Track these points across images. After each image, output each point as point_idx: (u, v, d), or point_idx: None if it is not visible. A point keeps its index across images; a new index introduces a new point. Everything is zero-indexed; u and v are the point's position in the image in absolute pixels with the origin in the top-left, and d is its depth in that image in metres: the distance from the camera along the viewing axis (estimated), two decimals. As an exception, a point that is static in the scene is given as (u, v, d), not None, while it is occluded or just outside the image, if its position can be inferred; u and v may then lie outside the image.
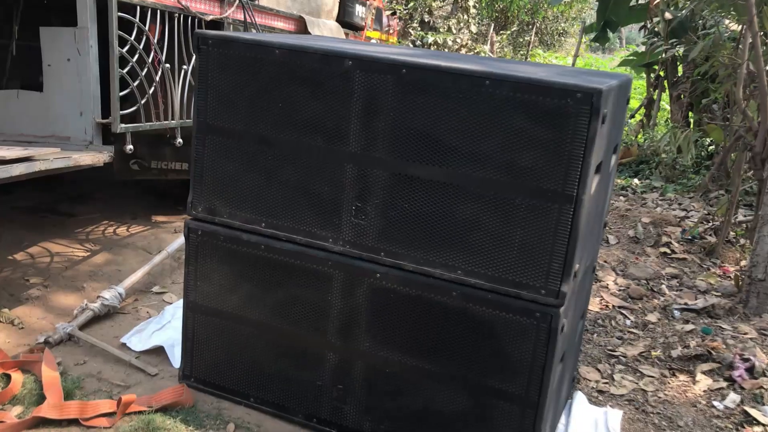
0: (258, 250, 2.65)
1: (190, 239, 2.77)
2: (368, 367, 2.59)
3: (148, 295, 3.75)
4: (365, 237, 2.49)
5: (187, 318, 2.86)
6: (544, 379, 2.37)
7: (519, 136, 2.21)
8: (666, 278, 4.65)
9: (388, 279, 2.48)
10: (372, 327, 2.55)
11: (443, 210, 2.36)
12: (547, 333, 2.32)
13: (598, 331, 3.79)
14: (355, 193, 2.47)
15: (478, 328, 2.40)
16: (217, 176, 2.67)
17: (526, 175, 2.23)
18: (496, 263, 2.33)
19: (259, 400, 2.80)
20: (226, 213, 2.69)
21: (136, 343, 3.21)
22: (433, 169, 2.34)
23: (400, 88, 2.33)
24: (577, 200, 2.20)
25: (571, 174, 2.18)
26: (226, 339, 2.81)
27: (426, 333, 2.48)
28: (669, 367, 3.43)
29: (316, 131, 2.47)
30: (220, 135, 2.63)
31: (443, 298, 2.42)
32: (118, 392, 2.82)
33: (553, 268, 2.27)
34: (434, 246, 2.40)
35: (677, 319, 3.97)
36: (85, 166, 3.29)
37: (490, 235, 2.32)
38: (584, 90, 2.12)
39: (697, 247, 5.23)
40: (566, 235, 2.23)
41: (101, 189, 5.40)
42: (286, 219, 2.60)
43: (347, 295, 2.56)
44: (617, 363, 3.46)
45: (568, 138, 2.16)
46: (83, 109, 3.44)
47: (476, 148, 2.27)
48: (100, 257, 4.07)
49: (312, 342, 2.65)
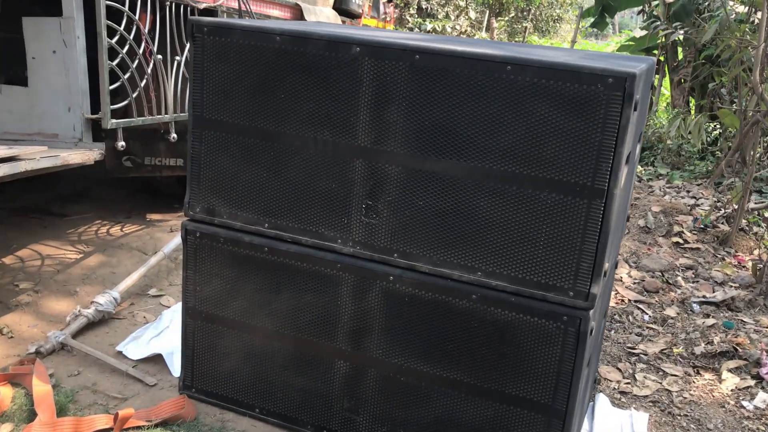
0: (261, 253, 2.48)
1: (188, 241, 2.60)
2: (382, 376, 2.42)
3: (144, 299, 3.57)
4: (377, 237, 2.32)
5: (186, 325, 2.69)
6: (572, 387, 2.21)
7: (544, 126, 2.04)
8: (681, 269, 4.49)
9: (402, 282, 2.31)
10: (385, 333, 2.38)
11: (461, 207, 2.19)
12: (575, 337, 2.16)
13: (616, 328, 3.63)
14: (365, 191, 2.29)
15: (501, 334, 2.24)
16: (216, 174, 2.50)
17: (551, 168, 2.06)
18: (519, 264, 2.16)
19: (265, 411, 2.63)
20: (226, 213, 2.51)
21: (132, 351, 3.04)
22: (450, 163, 2.16)
23: (413, 75, 2.15)
24: (608, 194, 2.03)
25: (602, 166, 2.01)
26: (229, 347, 2.64)
27: (444, 339, 2.31)
28: (693, 365, 3.28)
29: (322, 124, 2.29)
30: (217, 130, 2.45)
31: (462, 302, 2.26)
32: (114, 405, 2.65)
33: (582, 268, 2.10)
34: (452, 246, 2.23)
35: (697, 313, 3.81)
36: (75, 164, 3.10)
37: (513, 234, 2.15)
38: (616, 74, 1.94)
39: (710, 236, 5.08)
40: (596, 232, 2.07)
41: (94, 187, 5.20)
42: (290, 219, 2.42)
43: (358, 299, 2.39)
44: (638, 361, 3.31)
45: (598, 127, 1.99)
46: (71, 105, 3.24)
47: (497, 139, 2.10)
48: (94, 259, 3.89)
49: (321, 349, 2.49)
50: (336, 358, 2.47)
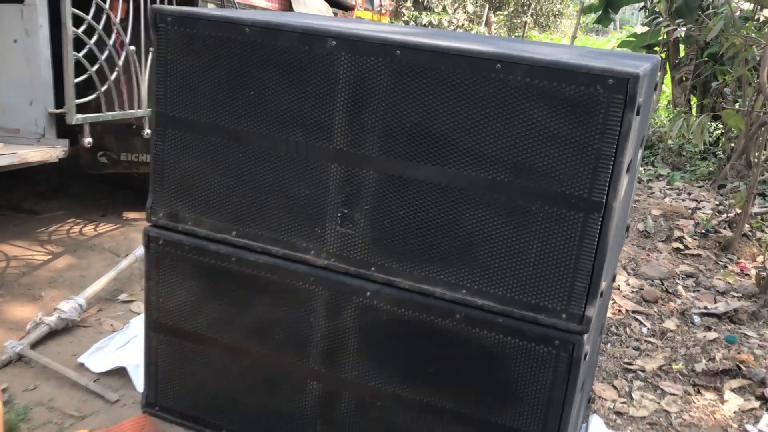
0: (228, 263, 2.28)
1: (151, 249, 2.39)
2: (357, 399, 2.23)
3: (113, 305, 3.37)
4: (353, 249, 2.12)
5: (149, 339, 2.49)
6: (564, 416, 2.01)
7: (536, 131, 1.84)
8: (681, 277, 4.30)
9: (379, 298, 2.11)
10: (361, 353, 2.19)
11: (445, 218, 1.99)
12: (567, 363, 1.96)
13: (613, 341, 3.44)
14: (341, 198, 2.09)
15: (487, 357, 2.04)
16: (180, 177, 2.29)
17: (544, 177, 1.86)
18: (508, 282, 1.96)
19: (232, 434, 2.44)
20: (191, 219, 2.31)
21: (96, 363, 2.84)
22: (434, 169, 1.96)
23: (394, 73, 1.94)
24: (606, 208, 1.83)
25: (600, 176, 1.81)
26: (195, 363, 2.44)
27: (424, 361, 2.12)
28: (693, 384, 3.08)
29: (294, 124, 2.09)
30: (182, 128, 2.25)
31: (445, 322, 2.06)
32: (70, 425, 2.46)
33: (576, 288, 1.90)
34: (434, 260, 2.03)
35: (697, 326, 3.62)
36: (34, 163, 2.89)
37: (501, 249, 1.95)
38: (617, 75, 1.74)
39: (711, 242, 4.89)
40: (592, 248, 1.87)
41: (72, 183, 4.99)
42: (260, 227, 2.22)
43: (332, 315, 2.19)
44: (635, 378, 3.11)
45: (596, 133, 1.79)
46: (33, 98, 3.03)
47: (485, 145, 1.89)
48: (63, 261, 3.68)
49: (292, 369, 2.29)
50: (308, 378, 2.28)
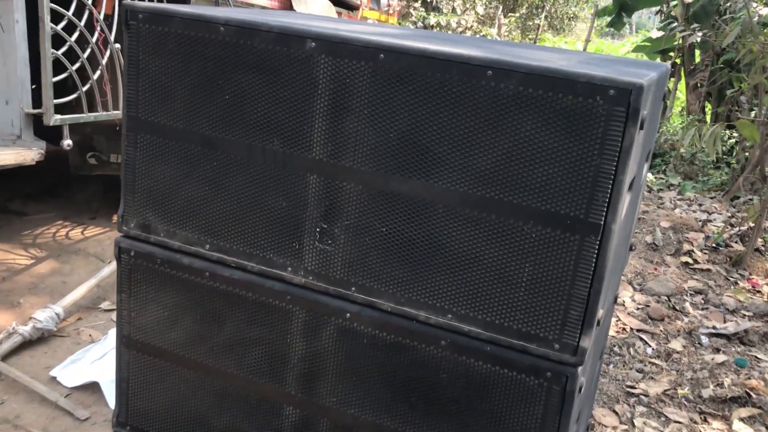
0: (202, 278, 2.14)
1: (122, 261, 2.26)
2: (335, 427, 2.08)
3: (94, 313, 3.24)
4: (332, 267, 1.97)
5: (121, 355, 2.35)
6: (556, 454, 1.85)
7: (530, 145, 1.68)
8: (689, 294, 4.12)
9: (360, 320, 1.96)
10: (340, 378, 2.04)
11: (431, 237, 1.83)
12: (560, 397, 1.81)
13: (615, 362, 3.27)
14: (320, 212, 1.94)
15: (473, 388, 1.89)
16: (152, 185, 2.15)
17: (538, 195, 1.71)
18: (496, 307, 1.81)
19: (205, 458, 2.30)
20: (164, 231, 2.17)
21: (69, 377, 2.71)
22: (419, 183, 1.81)
23: (377, 78, 1.79)
24: (604, 230, 1.67)
25: (598, 196, 1.65)
26: (168, 382, 2.30)
27: (407, 390, 1.96)
28: (699, 411, 2.91)
29: (271, 132, 1.94)
30: (154, 133, 2.11)
31: (429, 348, 1.91)
32: (35, 444, 2.33)
33: (570, 317, 1.75)
34: (419, 282, 1.88)
35: (705, 347, 3.45)
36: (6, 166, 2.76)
37: (490, 272, 1.79)
38: (619, 85, 1.58)
39: (722, 256, 4.70)
40: (589, 274, 1.71)
41: (63, 184, 4.86)
42: (235, 241, 2.07)
43: (310, 337, 2.04)
44: (638, 404, 2.95)
45: (595, 149, 1.63)
46: (9, 98, 2.90)
47: (474, 158, 1.74)
48: (45, 266, 3.55)
49: (267, 392, 2.14)
50: (284, 403, 2.13)
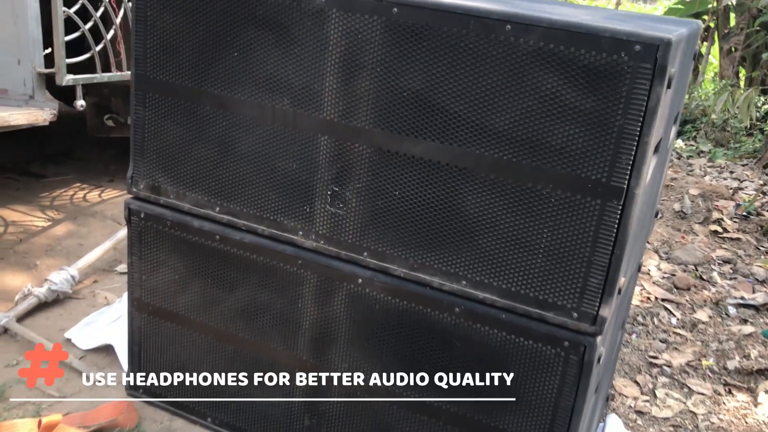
0: (212, 241, 2.09)
1: (132, 223, 2.23)
2: (347, 393, 2.04)
3: (110, 276, 3.23)
4: (344, 231, 1.91)
5: (132, 318, 2.33)
6: (571, 426, 1.80)
7: (550, 104, 1.60)
8: (717, 263, 4.01)
9: (372, 286, 1.91)
10: (352, 344, 1.99)
11: (445, 200, 1.76)
12: (578, 367, 1.74)
13: (638, 331, 3.19)
14: (331, 174, 1.88)
15: (487, 356, 1.83)
16: (162, 146, 2.10)
17: (557, 157, 1.62)
18: (513, 274, 1.74)
19: (217, 422, 2.28)
20: (174, 192, 2.13)
21: (83, 339, 2.70)
22: (433, 145, 1.74)
23: (391, 34, 1.71)
24: (627, 195, 1.58)
25: (622, 159, 1.56)
26: (179, 346, 2.27)
27: (420, 357, 1.91)
28: (724, 383, 2.83)
29: (281, 91, 1.88)
30: (163, 93, 2.05)
31: (443, 315, 1.85)
32: (49, 406, 2.33)
33: (590, 285, 1.67)
34: (432, 247, 1.81)
35: (732, 318, 3.35)
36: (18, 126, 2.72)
37: (507, 237, 1.72)
38: (646, 41, 1.48)
39: (753, 225, 4.56)
40: (610, 240, 1.63)
41: (83, 146, 4.85)
42: (245, 204, 2.02)
43: (322, 302, 2.00)
44: (660, 374, 2.87)
45: (619, 108, 1.54)
46: (21, 57, 2.86)
47: (491, 118, 1.66)
48: (62, 228, 3.54)
49: (279, 357, 2.11)
50: (296, 368, 2.09)
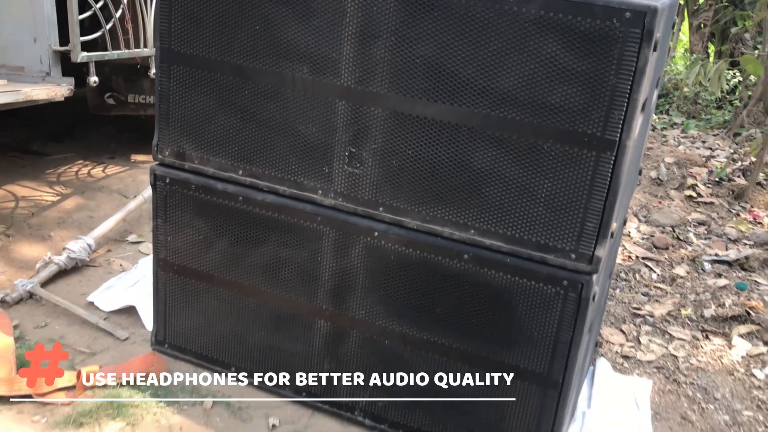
0: (235, 202, 2.26)
1: (158, 188, 2.38)
2: (364, 338, 2.23)
3: (122, 245, 3.38)
4: (361, 189, 2.09)
5: (158, 278, 2.49)
6: (570, 356, 2.01)
7: (550, 67, 1.79)
8: (693, 225, 4.26)
9: (387, 238, 2.10)
10: (369, 293, 2.18)
11: (455, 157, 1.95)
12: (576, 304, 1.95)
13: (621, 286, 3.43)
14: (348, 137, 2.06)
15: (494, 298, 2.03)
16: (186, 114, 2.26)
17: (556, 115, 1.82)
18: (517, 222, 1.94)
19: (241, 371, 2.46)
20: (198, 158, 2.29)
21: (105, 302, 2.86)
22: (444, 107, 1.92)
23: (404, 4, 1.89)
24: (619, 147, 1.79)
25: (614, 114, 1.77)
26: (203, 302, 2.45)
27: (431, 301, 2.11)
28: (702, 329, 3.08)
29: (300, 60, 2.04)
30: (187, 65, 2.21)
31: (453, 262, 2.04)
32: (81, 360, 2.49)
33: (586, 229, 1.88)
34: (443, 200, 2.00)
35: (708, 273, 3.60)
36: (40, 100, 2.86)
37: (511, 189, 1.92)
38: (635, 8, 1.68)
39: (725, 190, 4.83)
40: (604, 188, 1.83)
41: (80, 126, 4.96)
42: (267, 166, 2.19)
43: (340, 255, 2.18)
44: (643, 324, 3.11)
45: (611, 69, 1.74)
46: (37, 35, 2.98)
47: (496, 81, 1.85)
48: (71, 202, 3.68)
49: (300, 308, 2.29)
50: (316, 317, 2.28)
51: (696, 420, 2.54)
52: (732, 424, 2.53)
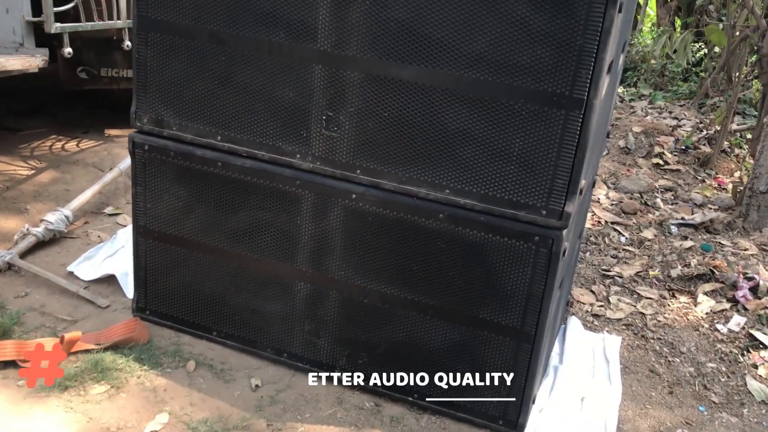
0: (214, 168, 2.30)
1: (137, 155, 2.41)
2: (344, 298, 2.30)
3: (99, 218, 3.40)
4: (338, 152, 2.14)
5: (138, 244, 2.52)
6: (542, 310, 2.10)
7: (519, 28, 1.85)
8: (660, 191, 4.38)
9: (365, 200, 2.16)
10: (347, 254, 2.24)
11: (429, 119, 2.01)
12: (547, 258, 2.03)
13: (591, 249, 3.53)
14: (325, 101, 2.10)
15: (469, 255, 2.11)
16: (164, 81, 2.28)
17: (527, 75, 1.88)
18: (490, 180, 2.01)
19: (222, 334, 2.51)
20: (176, 124, 2.32)
21: (85, 272, 2.88)
22: (418, 69, 1.97)
23: (377, -30, 1.93)
24: (587, 105, 1.86)
25: (582, 74, 1.84)
26: (184, 267, 2.49)
27: (409, 260, 2.18)
28: (668, 288, 3.19)
29: (277, 25, 2.08)
30: (164, 32, 2.23)
31: (429, 221, 2.11)
32: (63, 328, 2.52)
33: (556, 186, 1.96)
34: (418, 161, 2.07)
35: (675, 236, 3.72)
36: (14, 71, 2.85)
37: (484, 148, 1.99)
38: (601, -31, 1.74)
39: (690, 158, 4.96)
40: (573, 146, 1.91)
41: (52, 101, 4.92)
42: (245, 132, 2.23)
43: (319, 218, 2.24)
44: (613, 284, 3.22)
45: (579, 29, 1.80)
46: (9, 6, 2.96)
47: (469, 43, 1.91)
48: (46, 175, 3.68)
49: (280, 270, 2.34)
50: (296, 279, 2.34)
51: (663, 372, 2.66)
52: (696, 375, 2.65)
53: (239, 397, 2.26)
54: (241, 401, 2.24)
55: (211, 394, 2.26)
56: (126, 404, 2.16)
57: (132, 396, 2.20)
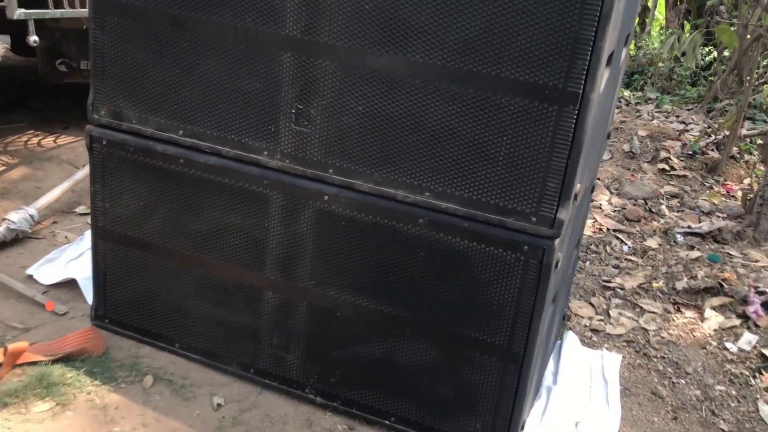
0: (176, 165, 2.10)
1: (94, 150, 2.22)
2: (314, 310, 2.09)
3: (70, 217, 3.20)
4: (309, 149, 1.94)
5: (97, 247, 2.33)
6: (532, 328, 1.89)
7: (509, 13, 1.64)
8: (665, 197, 4.16)
9: (338, 202, 1.95)
10: (319, 261, 2.04)
11: (408, 114, 1.81)
12: (537, 271, 1.83)
13: (591, 259, 3.32)
14: (295, 92, 1.90)
15: (451, 265, 1.90)
16: (122, 70, 2.09)
17: (516, 66, 1.68)
18: (474, 183, 1.80)
19: (185, 347, 2.31)
20: (136, 117, 2.12)
21: (45, 275, 2.69)
22: (395, 58, 1.77)
23: (351, -53, 1.73)
24: (583, 100, 1.65)
25: (577, 64, 1.63)
26: (146, 273, 2.29)
27: (386, 270, 1.97)
28: (673, 302, 2.98)
29: (242, 8, 1.88)
30: (122, 16, 2.04)
31: (407, 227, 1.91)
32: (13, 337, 2.33)
33: (547, 190, 1.75)
34: (397, 161, 1.86)
35: (680, 245, 3.50)
36: (-31, 59, 2.65)
37: (468, 147, 1.78)
38: (600, -55, 1.54)
39: (698, 163, 4.74)
40: (566, 146, 1.70)
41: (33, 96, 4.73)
42: (209, 126, 2.04)
43: (288, 221, 2.03)
44: (613, 296, 3.00)
45: (574, 14, 1.60)
46: (-33, -12, 2.79)
47: (452, 29, 1.70)
48: (17, 172, 3.49)
49: (247, 278, 2.14)
50: (263, 288, 2.14)
51: (666, 395, 2.44)
52: (704, 399, 2.43)
53: (198, 417, 2.06)
54: (199, 422, 2.04)
55: (167, 413, 2.06)
56: (71, 424, 1.96)
57: (78, 414, 2.00)
